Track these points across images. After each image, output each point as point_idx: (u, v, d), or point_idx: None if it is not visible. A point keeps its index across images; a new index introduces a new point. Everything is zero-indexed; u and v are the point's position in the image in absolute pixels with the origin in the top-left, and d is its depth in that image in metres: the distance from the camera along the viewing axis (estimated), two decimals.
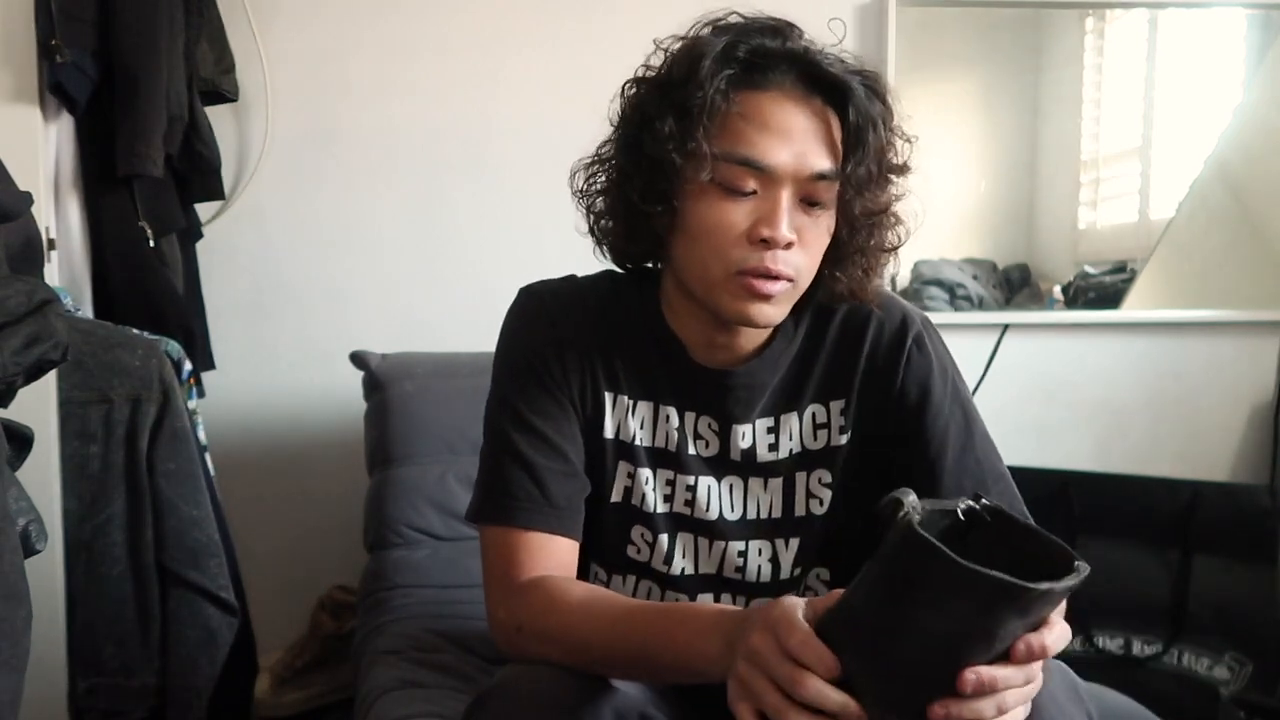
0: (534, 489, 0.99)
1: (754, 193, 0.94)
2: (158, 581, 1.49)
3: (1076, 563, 0.69)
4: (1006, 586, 0.65)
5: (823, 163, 0.94)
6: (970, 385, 1.10)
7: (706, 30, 0.97)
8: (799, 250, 0.95)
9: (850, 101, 0.94)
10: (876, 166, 0.95)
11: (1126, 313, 2.31)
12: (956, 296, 2.27)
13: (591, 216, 1.05)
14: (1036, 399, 2.26)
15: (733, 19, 0.98)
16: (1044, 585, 0.66)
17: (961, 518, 0.75)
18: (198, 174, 1.91)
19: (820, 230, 0.97)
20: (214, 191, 1.97)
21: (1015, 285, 2.34)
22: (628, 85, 1.00)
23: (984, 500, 0.76)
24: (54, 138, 1.67)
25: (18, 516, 1.07)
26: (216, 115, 1.96)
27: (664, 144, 0.94)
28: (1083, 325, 2.31)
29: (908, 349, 1.04)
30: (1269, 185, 2.40)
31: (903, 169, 1.00)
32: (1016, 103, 2.36)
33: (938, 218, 2.28)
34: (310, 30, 2.04)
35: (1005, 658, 0.70)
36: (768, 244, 0.93)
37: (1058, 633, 0.71)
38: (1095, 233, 2.40)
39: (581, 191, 1.04)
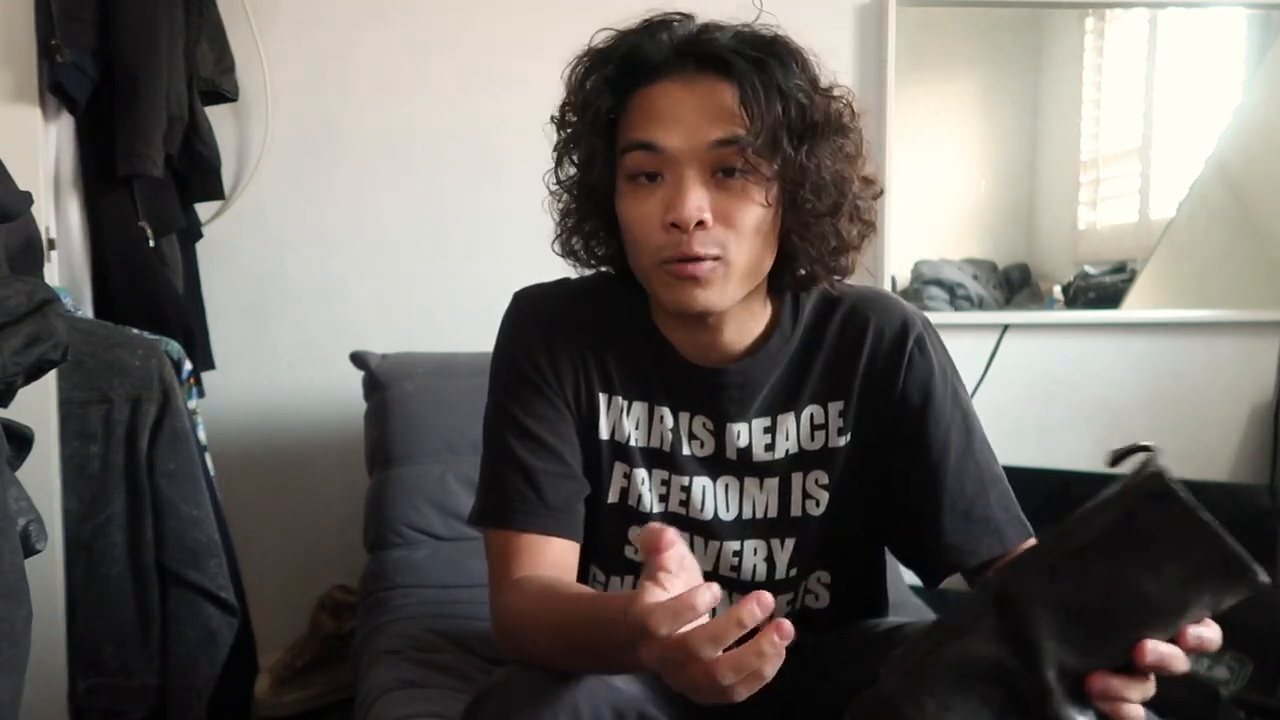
0: (530, 491, 1.00)
1: (663, 179, 0.94)
2: (158, 581, 1.49)
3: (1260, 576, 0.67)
4: (1232, 559, 0.64)
5: (717, 131, 0.93)
6: (970, 385, 1.10)
7: (598, 36, 1.00)
8: (721, 228, 0.93)
9: (734, 69, 0.93)
10: (785, 128, 0.93)
11: (1126, 313, 2.31)
12: (956, 296, 2.26)
13: (564, 236, 1.06)
14: (1036, 399, 2.26)
15: (625, 23, 0.99)
16: (1265, 577, 0.65)
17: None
18: (198, 174, 1.91)
19: (747, 204, 0.94)
20: (214, 191, 1.97)
21: (1015, 285, 2.34)
22: (551, 119, 1.04)
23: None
24: (54, 138, 1.67)
25: (18, 516, 1.07)
26: (216, 115, 1.96)
27: (568, 154, 1.00)
28: (1083, 325, 2.31)
29: (909, 351, 1.03)
30: (1269, 185, 2.40)
31: (829, 128, 0.96)
32: (1016, 103, 2.36)
33: (938, 218, 2.30)
34: (310, 30, 2.04)
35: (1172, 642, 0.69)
36: (678, 226, 0.92)
37: (1215, 632, 0.70)
38: (1095, 233, 2.40)
39: (559, 225, 1.06)
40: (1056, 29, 2.37)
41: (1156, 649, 0.68)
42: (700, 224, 0.92)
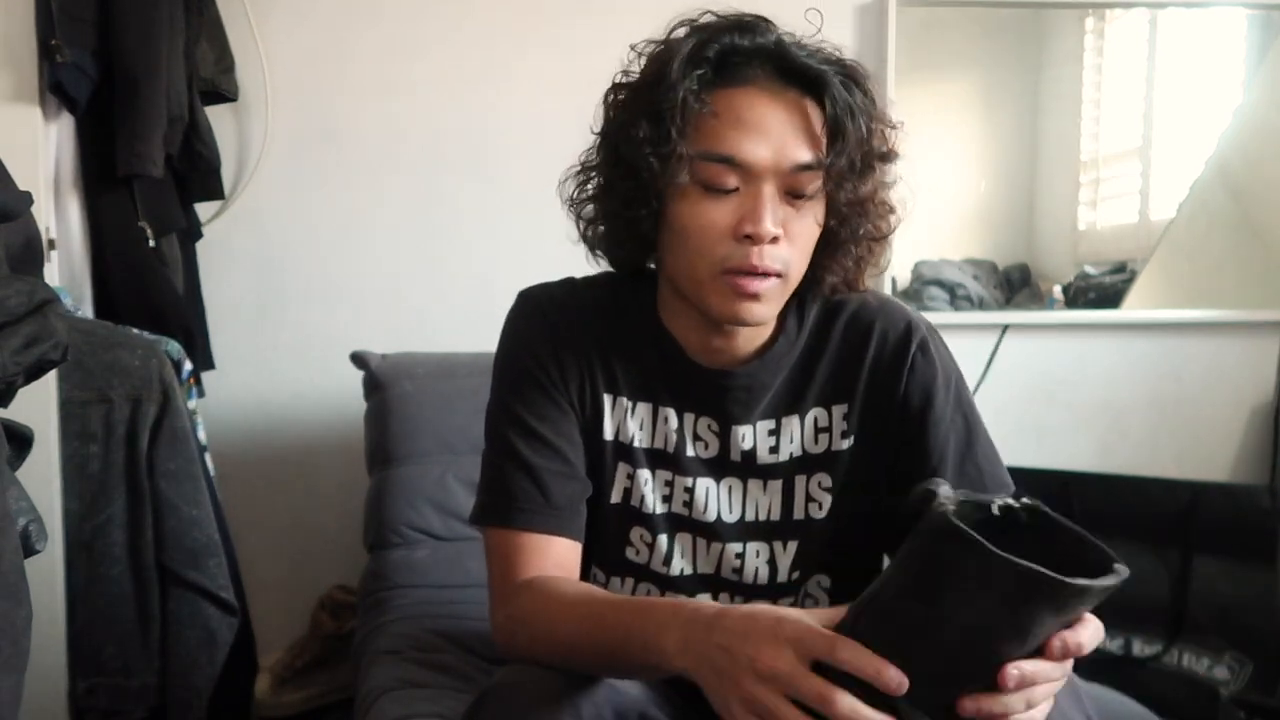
0: (534, 490, 0.99)
1: (735, 189, 0.94)
2: (158, 581, 1.49)
3: (1116, 565, 0.68)
4: (1039, 579, 0.65)
5: (803, 154, 0.93)
6: (970, 386, 1.09)
7: (679, 31, 0.97)
8: (786, 244, 0.94)
9: (827, 92, 0.93)
10: (859, 155, 0.95)
11: (1126, 313, 2.31)
12: (956, 296, 2.26)
13: (582, 224, 1.05)
14: (1036, 399, 2.26)
15: (705, 18, 0.97)
16: (1081, 581, 0.66)
17: (997, 513, 0.74)
18: (198, 174, 1.91)
19: (807, 223, 0.96)
20: (214, 191, 1.97)
21: (1015, 285, 2.34)
22: (608, 92, 1.01)
23: (1024, 500, 0.75)
24: (54, 138, 1.67)
25: (18, 516, 1.07)
26: (216, 115, 1.96)
27: (640, 148, 0.95)
28: (1083, 325, 2.31)
29: (912, 355, 1.03)
30: (1269, 186, 2.40)
31: (888, 156, 0.99)
32: (1016, 103, 2.36)
33: (938, 218, 2.30)
34: (310, 29, 2.04)
35: (1038, 653, 0.70)
36: (752, 240, 0.93)
37: (1092, 630, 0.71)
38: (1095, 233, 2.40)
39: (571, 200, 1.05)
40: (1056, 29, 2.37)
41: (1020, 672, 0.69)
42: (774, 239, 0.93)
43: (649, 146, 0.94)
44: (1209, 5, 2.34)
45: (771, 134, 0.93)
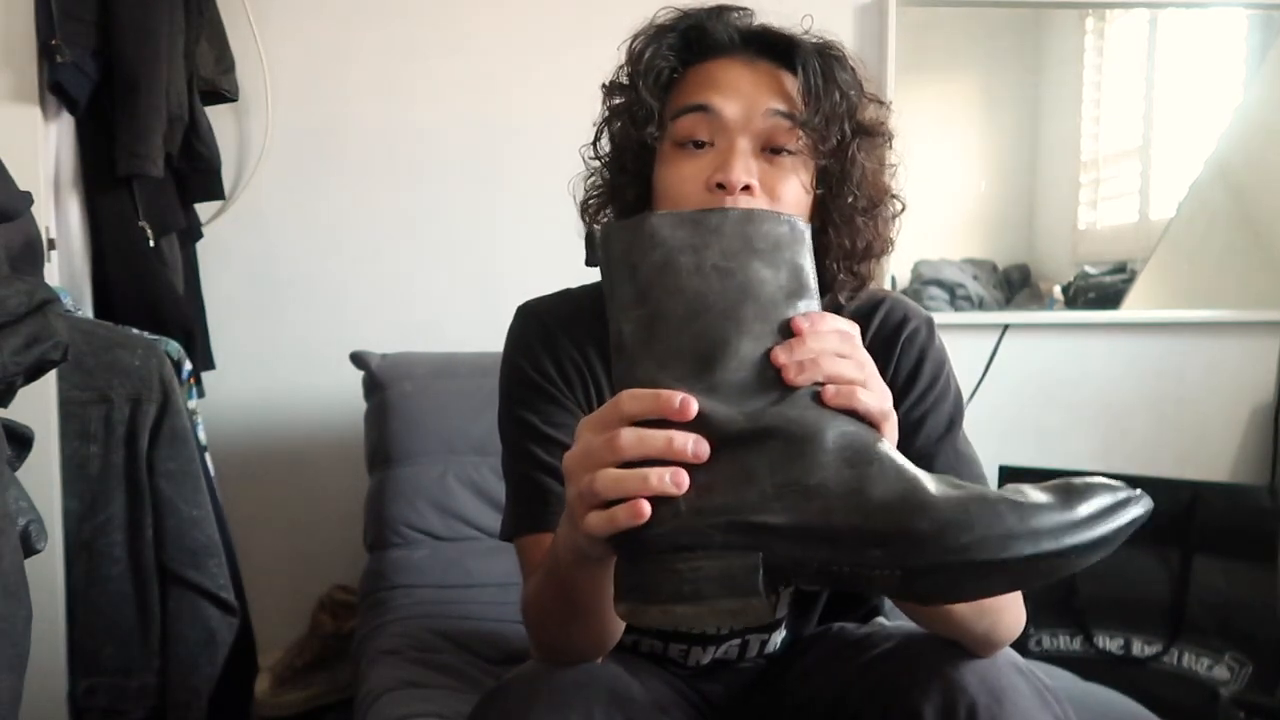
0: (563, 491, 0.99)
1: (710, 144, 0.95)
2: (158, 581, 1.49)
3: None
4: (699, 217, 0.67)
5: (775, 104, 0.95)
6: (970, 385, 1.10)
7: (661, 14, 1.02)
8: (765, 199, 0.94)
9: (799, 58, 0.96)
10: (841, 122, 0.95)
11: (1126, 313, 2.31)
12: (956, 296, 2.26)
13: (587, 217, 1.06)
14: (1036, 399, 2.26)
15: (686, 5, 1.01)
16: (733, 208, 0.69)
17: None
18: (198, 174, 1.91)
19: (789, 181, 0.95)
20: (214, 191, 1.97)
21: (1015, 285, 2.34)
22: (603, 87, 1.04)
23: None
24: (54, 138, 1.67)
25: (18, 516, 1.07)
26: (216, 115, 1.96)
27: (622, 118, 1.00)
28: (1083, 325, 2.31)
29: (903, 340, 1.04)
30: (1269, 186, 2.40)
31: (877, 130, 0.99)
32: (1016, 103, 2.36)
33: (938, 218, 2.30)
34: (310, 30, 2.04)
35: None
36: (724, 189, 0.93)
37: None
38: (1095, 233, 2.40)
39: (583, 204, 1.06)
40: (1056, 29, 2.37)
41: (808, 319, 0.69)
42: (746, 188, 0.93)
43: (625, 112, 0.99)
44: (1209, 5, 2.34)
45: (742, 91, 0.95)
